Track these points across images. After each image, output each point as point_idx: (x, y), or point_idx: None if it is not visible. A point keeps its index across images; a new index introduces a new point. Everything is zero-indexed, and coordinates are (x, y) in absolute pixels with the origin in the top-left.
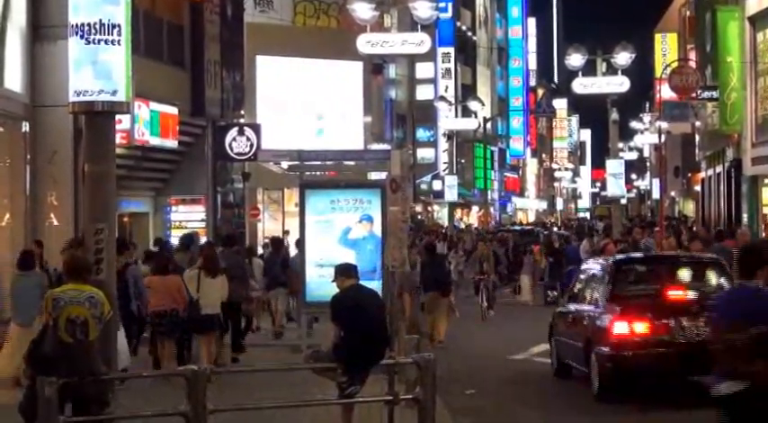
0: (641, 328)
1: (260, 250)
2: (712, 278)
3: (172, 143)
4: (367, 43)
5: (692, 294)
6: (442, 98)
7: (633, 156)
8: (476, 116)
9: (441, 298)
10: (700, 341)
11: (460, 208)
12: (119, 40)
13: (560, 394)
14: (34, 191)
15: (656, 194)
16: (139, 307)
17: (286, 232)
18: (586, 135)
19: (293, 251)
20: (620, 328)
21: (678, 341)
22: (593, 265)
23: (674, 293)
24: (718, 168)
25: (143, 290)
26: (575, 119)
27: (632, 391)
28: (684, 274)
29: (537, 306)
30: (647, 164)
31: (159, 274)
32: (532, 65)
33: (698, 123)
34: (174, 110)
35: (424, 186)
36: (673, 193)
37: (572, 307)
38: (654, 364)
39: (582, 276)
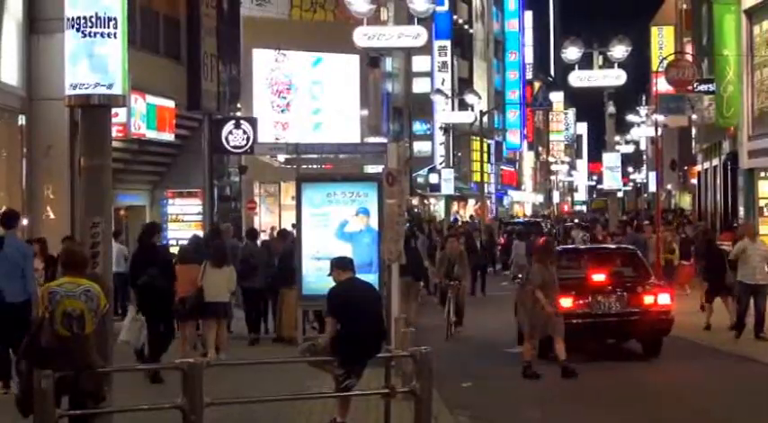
0: (567, 302)
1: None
2: (627, 264)
3: (168, 136)
4: (364, 36)
5: (607, 277)
6: (439, 91)
7: (630, 149)
8: (472, 109)
9: (413, 283)
10: (611, 313)
11: (457, 201)
12: (115, 34)
13: (556, 387)
14: (31, 184)
15: (652, 187)
16: None
17: (294, 226)
18: (583, 128)
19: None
20: None
21: (595, 313)
22: None
23: (594, 276)
24: (715, 161)
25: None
26: (571, 112)
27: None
28: (604, 261)
29: None
30: (644, 157)
31: (180, 263)
32: (529, 58)
33: (694, 116)
34: (170, 103)
35: (420, 179)
36: (669, 187)
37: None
38: (577, 330)
39: None
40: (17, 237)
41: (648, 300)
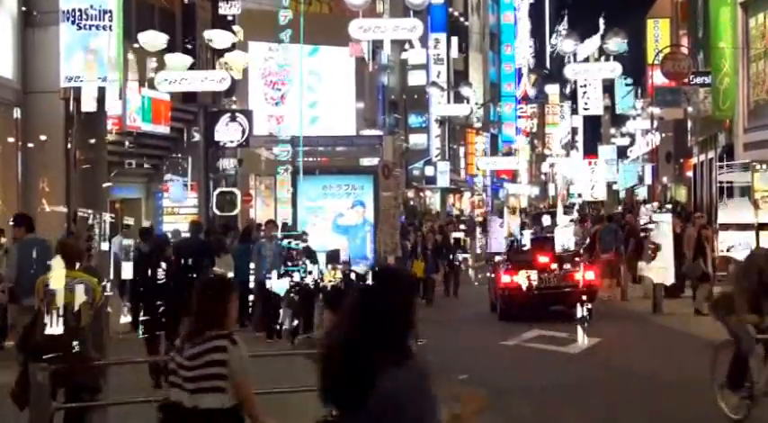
0: (520, 278)
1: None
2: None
3: (164, 129)
4: (359, 29)
5: (549, 259)
6: (435, 84)
7: (625, 141)
8: (468, 102)
9: None
10: (551, 286)
11: (453, 194)
12: (110, 26)
13: (550, 382)
14: (26, 177)
15: (648, 180)
16: None
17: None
18: (579, 121)
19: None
20: (505, 278)
21: (540, 286)
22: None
23: (539, 258)
24: (711, 154)
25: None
26: (567, 105)
27: (516, 316)
28: (548, 248)
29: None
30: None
31: None
32: (525, 51)
33: (690, 109)
34: (165, 96)
35: (416, 172)
36: (665, 179)
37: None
38: (525, 300)
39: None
40: None
41: (578, 276)
